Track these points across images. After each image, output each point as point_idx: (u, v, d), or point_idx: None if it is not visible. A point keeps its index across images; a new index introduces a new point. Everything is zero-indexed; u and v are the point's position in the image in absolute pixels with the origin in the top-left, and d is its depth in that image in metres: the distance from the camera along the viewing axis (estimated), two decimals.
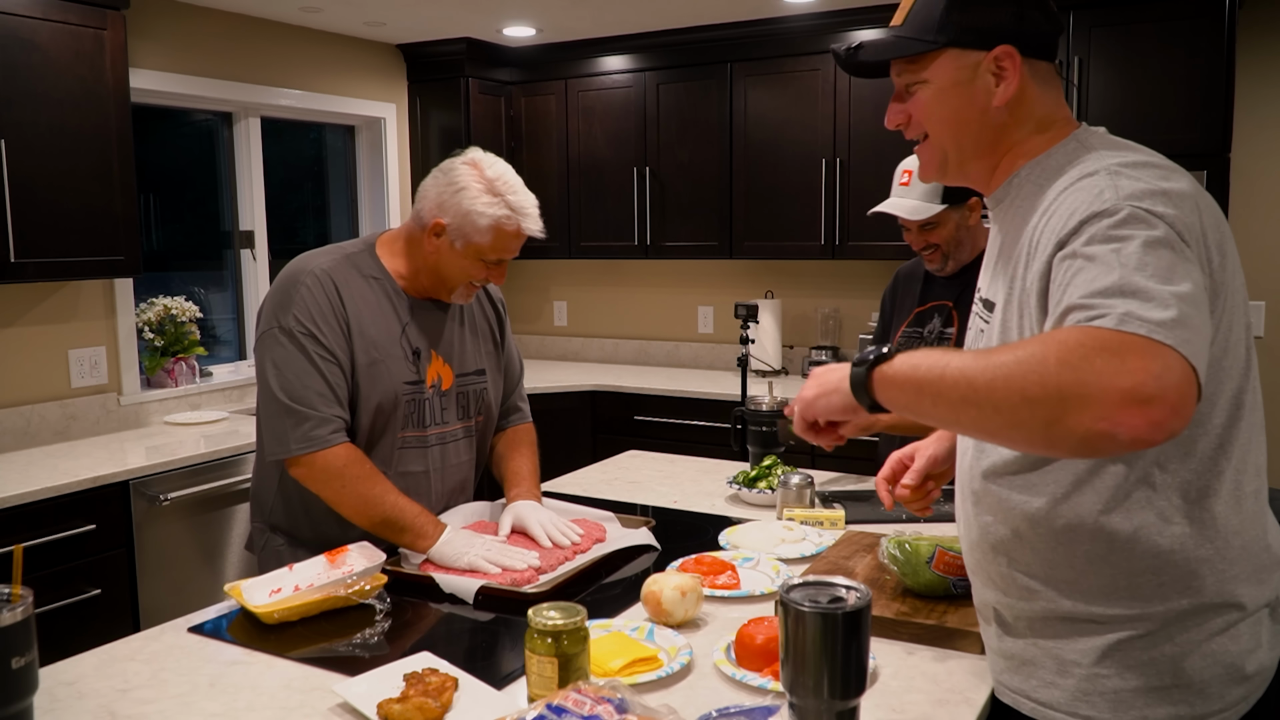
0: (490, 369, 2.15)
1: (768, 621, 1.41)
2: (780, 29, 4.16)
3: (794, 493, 2.16)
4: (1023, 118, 1.25)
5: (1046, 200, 1.17)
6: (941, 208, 2.36)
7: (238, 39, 3.98)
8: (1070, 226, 1.08)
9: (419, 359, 1.98)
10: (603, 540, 1.96)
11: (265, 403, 1.89)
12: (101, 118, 3.13)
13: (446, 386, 2.03)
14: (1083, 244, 1.05)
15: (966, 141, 1.27)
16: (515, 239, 1.95)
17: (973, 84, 1.24)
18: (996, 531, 1.25)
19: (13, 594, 1.19)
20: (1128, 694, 1.17)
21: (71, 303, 3.46)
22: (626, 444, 3.39)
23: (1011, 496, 1.22)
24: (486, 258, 1.94)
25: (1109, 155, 1.15)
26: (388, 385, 1.93)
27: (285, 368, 1.85)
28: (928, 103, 1.27)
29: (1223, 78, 3.31)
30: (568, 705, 1.12)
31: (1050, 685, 1.22)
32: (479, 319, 2.16)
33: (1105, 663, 1.18)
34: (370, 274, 1.97)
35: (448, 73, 4.63)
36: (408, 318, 1.99)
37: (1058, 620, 1.21)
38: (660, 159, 4.50)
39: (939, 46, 1.23)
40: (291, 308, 1.87)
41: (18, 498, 2.69)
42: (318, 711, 1.32)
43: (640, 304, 5.08)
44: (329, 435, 1.85)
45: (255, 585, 1.65)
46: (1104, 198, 1.08)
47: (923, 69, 1.26)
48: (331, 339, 1.87)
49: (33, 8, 2.94)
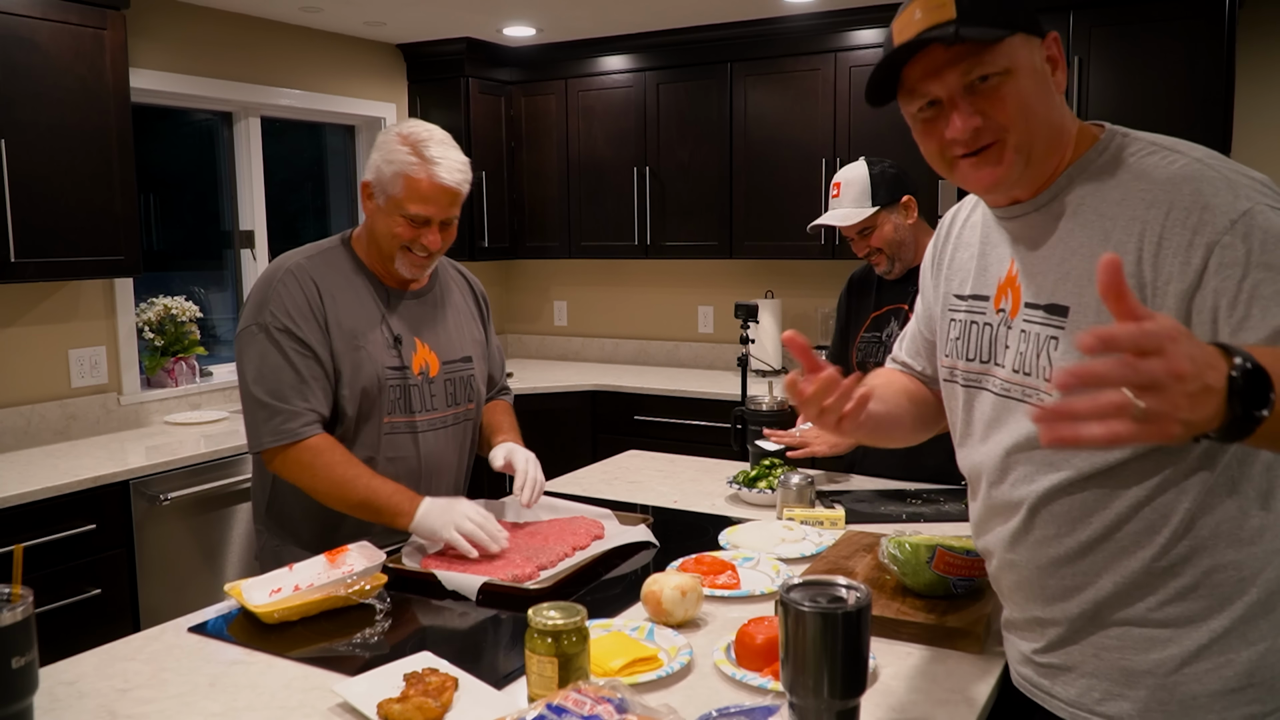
0: (477, 356, 2.16)
1: (768, 621, 1.41)
2: (780, 29, 4.16)
3: (794, 493, 2.16)
4: (1066, 111, 1.20)
5: (1143, 194, 1.13)
6: (873, 210, 2.42)
7: (238, 39, 3.98)
8: (1221, 225, 1.06)
9: (400, 345, 1.99)
10: (601, 538, 1.96)
11: (244, 398, 1.93)
12: (101, 118, 3.13)
13: (434, 373, 2.05)
14: (1259, 253, 1.04)
15: (1049, 135, 1.17)
16: (431, 191, 1.91)
17: (1044, 72, 1.15)
18: (1062, 545, 1.20)
19: (13, 594, 1.19)
20: (1205, 698, 1.14)
21: (71, 303, 3.46)
22: (626, 444, 3.39)
23: (1085, 506, 1.17)
24: (406, 212, 1.91)
25: (1184, 144, 1.16)
26: (369, 370, 1.94)
27: (260, 363, 1.89)
28: (1021, 94, 1.13)
29: (1223, 78, 3.31)
30: (568, 705, 1.12)
31: (1118, 697, 1.19)
32: (463, 307, 2.18)
33: (1180, 672, 1.15)
34: (347, 267, 2.00)
35: (448, 72, 4.63)
36: (387, 306, 2.01)
37: (1127, 629, 1.18)
38: (660, 159, 4.50)
39: (1013, 31, 1.12)
40: (269, 304, 1.90)
41: (18, 498, 2.69)
42: (318, 711, 1.32)
43: (640, 304, 5.08)
44: (301, 428, 1.87)
45: (255, 585, 1.65)
46: (1240, 194, 1.08)
47: (1000, 57, 1.12)
48: (308, 334, 1.90)
49: (33, 8, 2.94)
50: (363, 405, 1.95)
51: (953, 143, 1.17)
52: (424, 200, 1.91)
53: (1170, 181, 1.11)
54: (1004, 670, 1.43)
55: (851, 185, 2.46)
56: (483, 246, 4.70)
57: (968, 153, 1.17)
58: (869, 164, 2.46)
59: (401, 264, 1.98)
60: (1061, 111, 1.18)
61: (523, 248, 4.92)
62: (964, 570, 1.55)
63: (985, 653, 1.47)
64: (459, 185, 1.94)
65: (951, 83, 1.14)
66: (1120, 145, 1.19)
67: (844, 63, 4.05)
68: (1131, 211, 1.13)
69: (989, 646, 1.48)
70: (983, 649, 1.47)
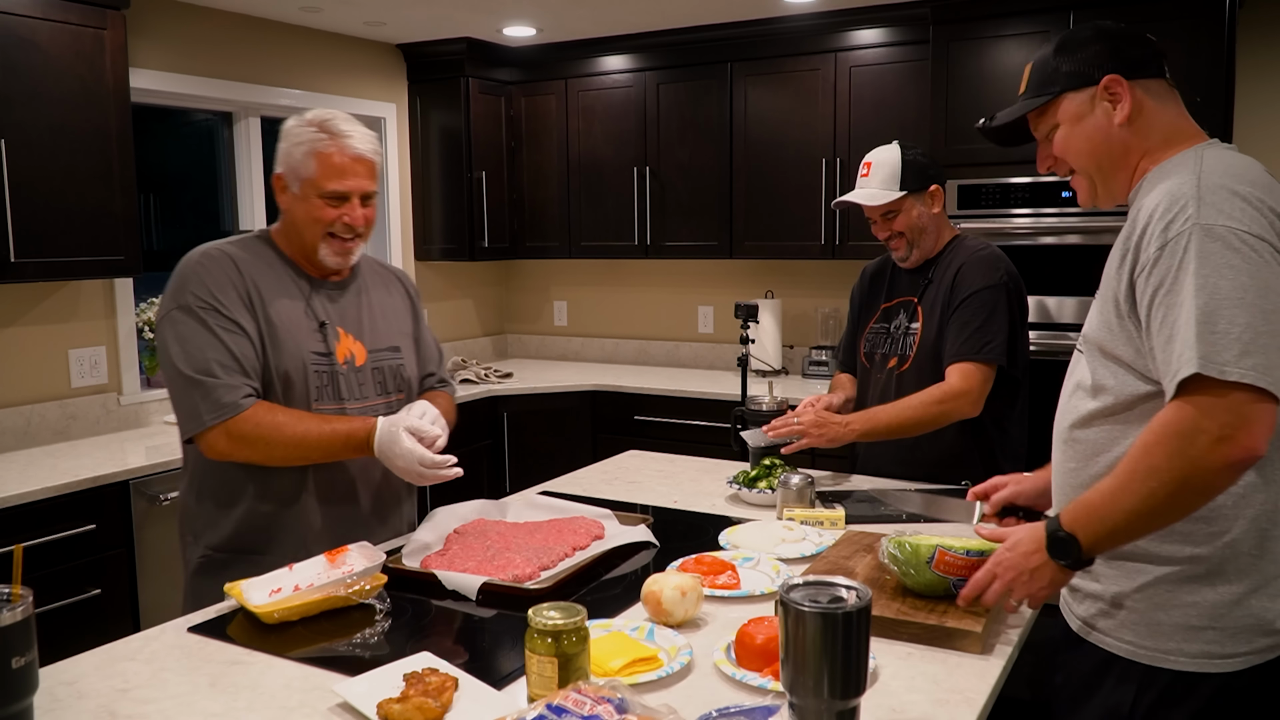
0: (406, 348, 2.12)
1: (768, 621, 1.41)
2: (780, 29, 4.16)
3: (794, 493, 2.16)
4: (1145, 131, 1.46)
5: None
6: (900, 194, 2.40)
7: (238, 39, 3.98)
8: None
9: (325, 331, 1.96)
10: (601, 538, 1.96)
11: (172, 382, 1.85)
12: (101, 118, 3.13)
13: (361, 362, 2.01)
14: None
15: (1103, 162, 1.49)
16: (346, 164, 1.89)
17: (1093, 114, 1.47)
18: (1081, 474, 1.45)
19: (13, 594, 1.19)
20: (1169, 628, 1.37)
21: (71, 303, 3.46)
22: (626, 444, 3.39)
23: (1095, 443, 1.43)
24: (324, 191, 1.89)
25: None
26: (294, 354, 1.90)
27: (187, 343, 1.83)
28: (1065, 140, 1.51)
29: (1223, 78, 3.31)
30: (568, 705, 1.12)
31: (1103, 614, 1.44)
32: (388, 300, 2.14)
33: (1151, 598, 1.38)
34: (268, 256, 1.96)
35: (448, 72, 4.63)
36: (310, 293, 1.97)
37: (1118, 554, 1.41)
38: (660, 159, 4.50)
39: (1056, 94, 1.49)
40: (188, 287, 1.85)
41: (18, 498, 2.69)
42: (318, 711, 1.32)
43: (640, 304, 5.08)
44: (241, 400, 1.82)
45: (255, 585, 1.65)
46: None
47: (1052, 116, 1.52)
48: (234, 309, 1.85)
49: (33, 8, 2.94)
50: (287, 391, 1.90)
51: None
52: (340, 174, 1.89)
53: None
54: (1004, 670, 1.44)
55: (882, 167, 2.44)
56: (483, 246, 4.70)
57: (1060, 177, 1.60)
58: (902, 148, 2.44)
59: (326, 252, 1.95)
60: (1123, 136, 1.47)
61: (523, 248, 4.92)
62: (964, 570, 1.55)
63: (985, 653, 1.47)
64: (372, 155, 1.93)
65: (1036, 134, 1.58)
66: (1183, 158, 1.43)
67: (844, 63, 4.05)
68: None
69: (989, 646, 1.48)
70: (982, 649, 1.47)
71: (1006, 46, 3.55)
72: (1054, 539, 1.38)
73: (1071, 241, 3.46)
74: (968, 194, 3.60)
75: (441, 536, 1.95)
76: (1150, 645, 1.38)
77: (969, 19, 3.60)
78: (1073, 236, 3.43)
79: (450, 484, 1.99)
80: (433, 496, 3.69)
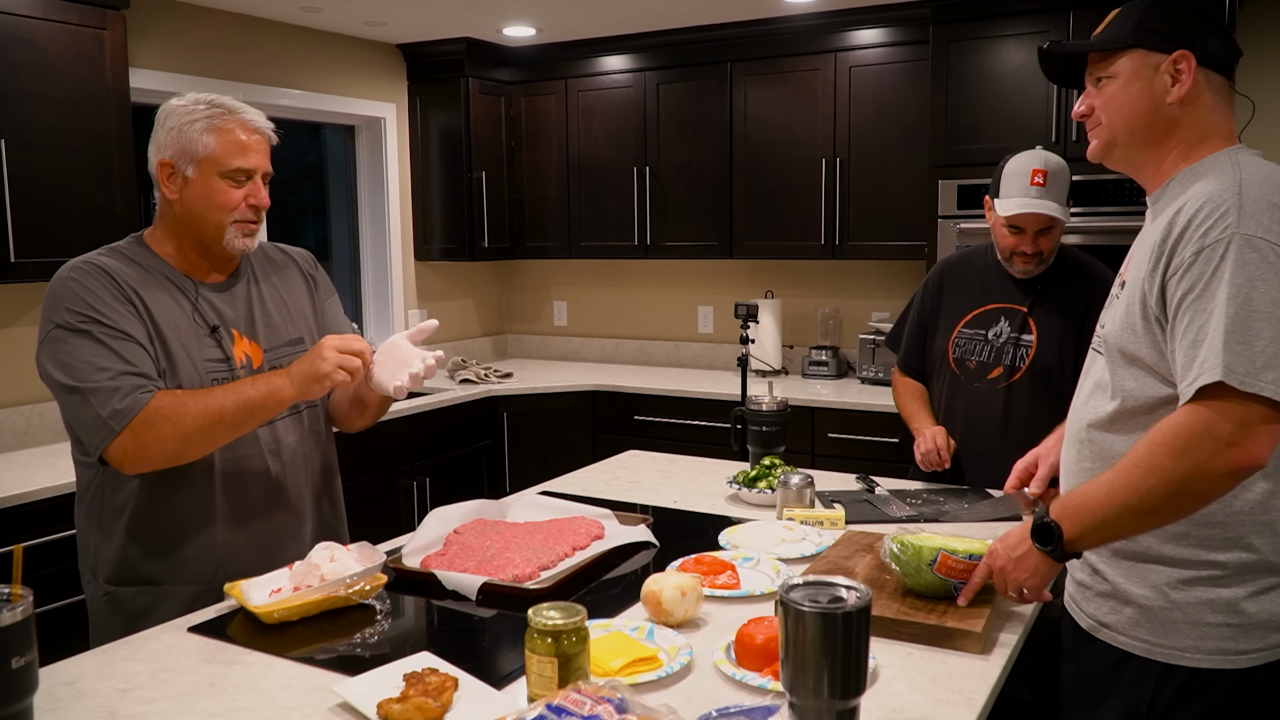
0: (309, 338, 1.95)
1: (768, 621, 1.41)
2: (780, 29, 4.16)
3: (794, 493, 2.16)
4: (1193, 120, 1.44)
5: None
6: (1070, 215, 2.27)
7: (238, 39, 3.98)
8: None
9: (219, 335, 1.81)
10: (601, 538, 1.96)
11: (66, 405, 1.69)
12: (101, 118, 3.13)
13: (258, 364, 1.85)
14: None
15: (1139, 130, 1.46)
16: (246, 137, 1.79)
17: (1152, 81, 1.44)
18: (1098, 474, 1.43)
19: (13, 594, 1.20)
20: (1184, 626, 1.39)
21: None
22: (627, 444, 3.40)
23: (1113, 445, 1.44)
24: (226, 169, 1.76)
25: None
26: (188, 364, 1.75)
27: (71, 357, 1.67)
28: (1113, 95, 1.47)
29: None
30: (568, 705, 1.12)
31: (1114, 612, 1.46)
32: (282, 288, 1.96)
33: (1166, 596, 1.41)
34: (144, 262, 1.80)
35: (448, 72, 4.63)
36: (195, 297, 1.81)
37: (1129, 555, 1.44)
38: (660, 159, 4.50)
39: (1128, 46, 1.45)
40: (63, 304, 1.70)
41: (18, 498, 2.69)
42: (318, 711, 1.32)
43: (640, 304, 5.08)
44: (140, 395, 1.65)
45: (255, 585, 1.65)
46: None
47: (1111, 65, 1.48)
48: (117, 319, 1.69)
49: (33, 8, 2.94)
50: None
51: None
52: (243, 150, 1.78)
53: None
54: (1004, 670, 1.44)
55: (1057, 179, 2.25)
56: (483, 246, 4.70)
57: (1086, 128, 1.55)
58: (1060, 157, 2.28)
59: (233, 237, 1.80)
60: (1171, 114, 1.44)
61: (522, 248, 4.92)
62: (965, 574, 1.55)
63: (985, 653, 1.47)
64: (270, 132, 1.84)
65: (1088, 78, 1.53)
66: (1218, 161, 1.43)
67: (844, 63, 4.05)
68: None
69: (989, 646, 1.49)
70: (982, 649, 1.47)
71: (1006, 46, 3.55)
72: (1037, 525, 1.43)
73: (1071, 241, 3.46)
74: (967, 194, 3.60)
75: (441, 536, 1.95)
76: (1166, 643, 1.41)
77: (969, 19, 3.60)
78: (1072, 236, 3.43)
79: (450, 484, 1.97)
80: (432, 498, 3.70)
